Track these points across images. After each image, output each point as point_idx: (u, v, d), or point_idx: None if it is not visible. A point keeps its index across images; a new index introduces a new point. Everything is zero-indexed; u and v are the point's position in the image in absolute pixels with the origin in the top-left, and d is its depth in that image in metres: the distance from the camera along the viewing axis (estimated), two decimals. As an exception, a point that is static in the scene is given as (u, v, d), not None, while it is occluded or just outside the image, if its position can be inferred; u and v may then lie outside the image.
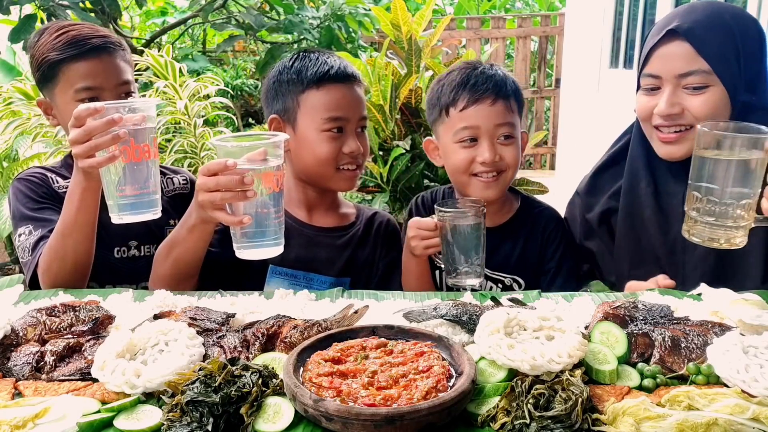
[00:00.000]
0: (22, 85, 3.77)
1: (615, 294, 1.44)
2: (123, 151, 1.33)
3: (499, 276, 1.79)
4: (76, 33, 1.72)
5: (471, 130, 1.70)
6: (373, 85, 3.16)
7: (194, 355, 1.09)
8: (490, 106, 1.70)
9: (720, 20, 1.53)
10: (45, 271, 1.58)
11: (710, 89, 1.51)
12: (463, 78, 1.73)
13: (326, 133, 1.72)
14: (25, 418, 0.94)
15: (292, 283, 1.73)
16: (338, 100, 1.73)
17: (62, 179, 1.81)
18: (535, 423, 0.91)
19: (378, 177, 3.18)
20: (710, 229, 1.24)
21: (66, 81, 1.71)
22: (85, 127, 1.35)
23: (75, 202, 1.52)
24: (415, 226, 1.62)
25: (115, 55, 1.76)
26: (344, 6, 5.31)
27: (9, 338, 1.18)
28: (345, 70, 1.75)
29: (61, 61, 1.70)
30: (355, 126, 1.76)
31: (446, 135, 1.76)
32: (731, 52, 1.51)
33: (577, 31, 6.37)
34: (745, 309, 1.22)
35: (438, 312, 1.23)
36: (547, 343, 1.07)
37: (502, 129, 1.70)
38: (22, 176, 1.81)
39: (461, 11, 9.45)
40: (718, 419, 0.90)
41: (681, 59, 1.51)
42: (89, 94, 1.70)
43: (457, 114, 1.72)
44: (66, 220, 1.55)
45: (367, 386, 0.96)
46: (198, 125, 4.26)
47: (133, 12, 7.66)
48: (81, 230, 1.55)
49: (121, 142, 1.32)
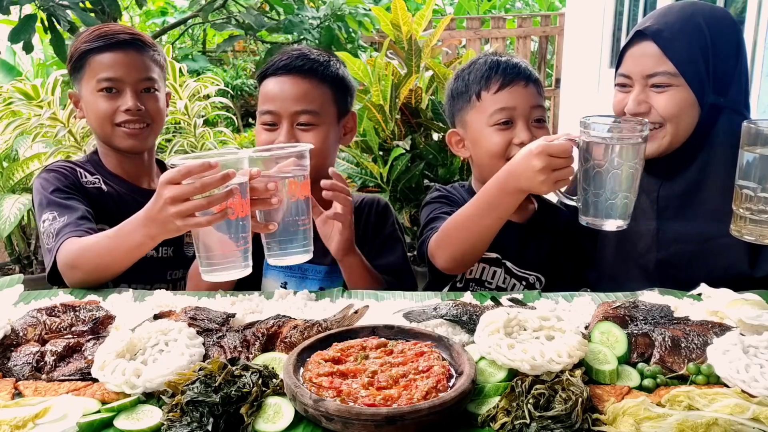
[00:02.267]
0: (22, 85, 3.76)
1: (615, 294, 1.44)
2: (231, 207, 1.23)
3: (524, 273, 1.76)
4: (108, 29, 1.81)
5: (507, 112, 1.66)
6: (373, 85, 3.16)
7: (194, 355, 1.09)
8: (524, 87, 1.68)
9: (692, 22, 1.56)
10: (69, 267, 1.55)
11: (674, 88, 1.55)
12: (492, 63, 1.71)
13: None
14: (25, 418, 0.94)
15: (288, 275, 1.73)
16: (270, 92, 1.72)
17: (90, 175, 1.83)
18: (535, 423, 0.91)
19: (378, 177, 3.18)
20: (761, 227, 1.20)
21: (91, 71, 1.78)
22: (200, 182, 1.21)
23: (129, 245, 1.45)
24: (545, 151, 1.33)
25: (142, 52, 1.81)
26: (344, 6, 5.31)
27: (9, 338, 1.18)
28: (289, 62, 1.71)
29: (88, 51, 1.78)
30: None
31: (478, 120, 1.70)
32: (699, 54, 1.54)
33: (577, 31, 6.38)
34: (745, 309, 1.22)
35: (438, 312, 1.23)
36: (547, 343, 1.07)
37: (536, 112, 1.68)
38: (51, 167, 1.83)
39: (461, 11, 9.46)
40: (718, 419, 0.90)
41: (648, 60, 1.56)
42: (109, 85, 1.77)
43: (490, 96, 1.68)
44: (110, 249, 1.49)
45: (367, 386, 0.96)
46: (198, 125, 4.26)
47: (133, 12, 7.66)
48: (120, 263, 1.51)
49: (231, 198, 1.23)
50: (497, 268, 1.76)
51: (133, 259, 1.50)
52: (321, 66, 1.71)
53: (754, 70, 3.22)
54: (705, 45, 1.54)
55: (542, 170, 1.33)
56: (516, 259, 1.75)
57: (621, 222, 1.30)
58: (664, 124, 1.56)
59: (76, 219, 1.63)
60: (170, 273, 1.87)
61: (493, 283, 1.76)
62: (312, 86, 1.69)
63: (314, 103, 1.68)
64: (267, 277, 1.74)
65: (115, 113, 1.77)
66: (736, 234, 1.26)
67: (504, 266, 1.77)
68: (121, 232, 1.46)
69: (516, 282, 1.76)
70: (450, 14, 9.18)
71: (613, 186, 1.26)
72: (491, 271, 1.76)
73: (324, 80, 1.71)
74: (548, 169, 1.33)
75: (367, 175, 3.23)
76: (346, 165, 3.27)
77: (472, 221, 1.52)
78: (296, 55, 1.72)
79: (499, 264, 1.76)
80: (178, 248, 1.87)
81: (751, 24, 3.26)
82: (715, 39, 1.55)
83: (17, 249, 3.93)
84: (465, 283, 1.77)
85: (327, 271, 1.73)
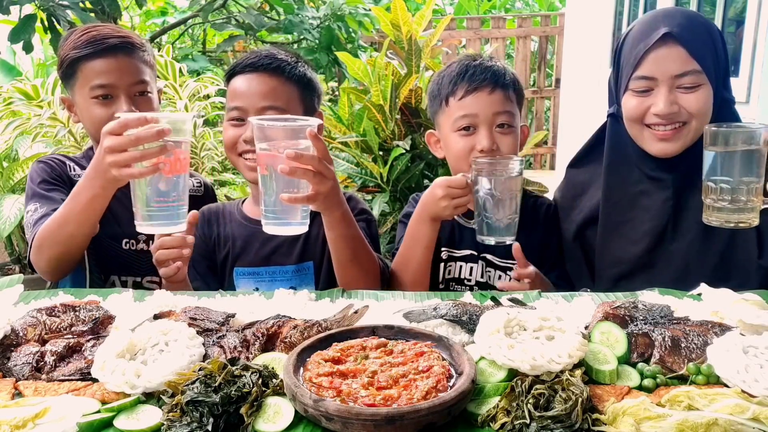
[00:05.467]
0: (22, 85, 3.77)
1: (615, 294, 1.44)
2: (164, 163, 1.32)
3: (508, 264, 1.81)
4: (96, 33, 1.78)
5: (469, 118, 1.74)
6: (373, 85, 3.16)
7: (194, 355, 1.09)
8: (488, 95, 1.73)
9: (699, 23, 1.64)
10: (36, 248, 1.62)
11: (702, 87, 1.60)
12: (462, 69, 1.77)
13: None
14: (25, 418, 0.94)
15: (257, 281, 1.76)
16: (237, 89, 1.74)
17: (80, 168, 1.85)
18: (535, 423, 0.91)
19: (378, 177, 3.18)
20: (726, 214, 1.41)
21: (83, 78, 1.77)
22: (134, 135, 1.32)
23: (82, 202, 1.52)
24: (444, 184, 1.62)
25: (133, 55, 1.80)
26: (344, 6, 5.32)
27: (9, 338, 1.18)
28: (256, 61, 1.74)
29: (79, 59, 1.76)
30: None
31: (446, 124, 1.80)
32: (712, 53, 1.62)
33: (577, 31, 6.38)
34: (745, 309, 1.22)
35: (438, 312, 1.23)
36: (547, 343, 1.07)
37: (500, 117, 1.74)
38: (42, 159, 1.86)
39: (461, 11, 9.46)
40: (718, 419, 0.90)
41: (676, 61, 1.59)
42: (103, 92, 1.76)
43: (456, 103, 1.76)
44: (67, 213, 1.55)
45: (367, 386, 0.96)
46: (198, 125, 4.26)
47: (133, 12, 7.66)
48: (79, 226, 1.57)
49: (166, 154, 1.32)
50: (473, 264, 1.84)
51: (89, 219, 1.54)
52: (288, 65, 1.75)
53: (755, 70, 3.22)
54: (714, 44, 1.62)
55: (443, 198, 1.62)
56: (497, 251, 1.79)
57: (508, 239, 1.59)
58: (689, 121, 1.61)
59: (53, 210, 1.64)
60: None
61: (472, 279, 1.84)
62: (279, 83, 1.73)
63: (280, 100, 1.73)
64: (239, 286, 1.78)
65: (110, 119, 1.76)
66: (707, 221, 1.45)
67: (484, 260, 1.83)
68: (74, 193, 1.54)
69: (501, 273, 1.81)
70: (450, 14, 9.18)
71: (499, 211, 1.55)
72: (468, 267, 1.84)
73: (290, 79, 1.75)
74: (448, 197, 1.62)
75: (367, 175, 3.22)
76: (346, 165, 3.26)
77: (408, 256, 1.75)
78: (264, 54, 1.76)
79: (475, 260, 1.83)
80: None
81: (751, 24, 3.26)
82: (716, 38, 1.63)
83: (17, 249, 3.94)
84: (446, 283, 1.85)
85: (294, 270, 1.76)
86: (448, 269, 1.86)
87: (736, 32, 3.60)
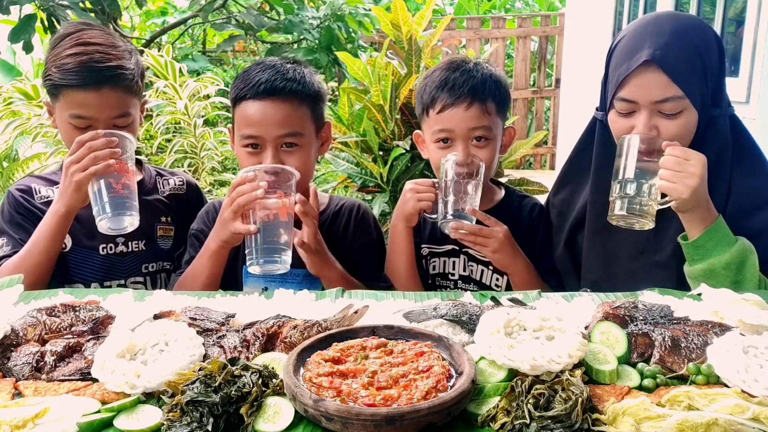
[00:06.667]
0: (22, 85, 3.77)
1: (615, 294, 1.44)
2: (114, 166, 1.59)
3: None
4: (87, 58, 1.69)
5: (446, 132, 1.78)
6: (373, 85, 3.16)
7: (194, 355, 1.09)
8: (465, 110, 1.74)
9: (687, 40, 1.57)
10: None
11: (684, 113, 1.57)
12: (442, 81, 1.78)
13: (244, 149, 1.72)
14: (25, 418, 0.94)
15: (268, 281, 1.75)
16: (251, 117, 1.69)
17: (47, 188, 1.86)
18: (535, 423, 0.91)
19: (378, 177, 3.18)
20: (626, 214, 1.52)
21: (64, 103, 1.72)
22: (88, 144, 1.59)
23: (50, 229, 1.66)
24: (413, 182, 1.78)
25: (119, 87, 1.73)
26: (344, 6, 5.32)
27: (9, 338, 1.18)
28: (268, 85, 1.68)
29: (62, 85, 1.70)
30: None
31: (427, 133, 1.85)
32: (700, 73, 1.57)
33: (577, 31, 6.38)
34: (746, 309, 1.22)
35: (438, 312, 1.23)
36: (547, 343, 1.07)
37: (476, 132, 1.76)
38: (10, 190, 1.88)
39: (461, 11, 9.46)
40: (718, 419, 0.90)
41: (656, 87, 1.56)
42: (81, 123, 1.71)
43: (434, 116, 1.79)
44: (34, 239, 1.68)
45: (367, 386, 0.97)
46: (198, 125, 4.27)
47: (133, 12, 7.67)
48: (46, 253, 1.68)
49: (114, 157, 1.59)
50: (455, 259, 1.88)
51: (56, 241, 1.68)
52: (298, 85, 1.71)
53: (755, 70, 3.22)
54: (703, 62, 1.57)
55: (409, 191, 1.77)
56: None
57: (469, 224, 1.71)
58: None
59: (15, 248, 1.73)
60: (144, 266, 1.90)
61: (455, 273, 1.89)
62: (293, 108, 1.70)
63: (296, 125, 1.70)
64: (247, 284, 1.77)
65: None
66: (610, 220, 1.56)
67: (466, 254, 1.86)
68: (40, 225, 1.69)
69: (483, 268, 1.85)
70: (450, 14, 9.18)
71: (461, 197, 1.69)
72: (450, 262, 1.89)
73: (303, 100, 1.72)
74: (413, 191, 1.76)
75: (367, 175, 3.23)
76: (346, 165, 3.27)
77: (393, 261, 1.84)
78: (271, 75, 1.69)
79: (457, 254, 1.88)
80: (149, 241, 1.90)
81: (751, 24, 3.26)
82: (708, 54, 1.58)
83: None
84: (432, 278, 1.90)
85: (305, 275, 1.74)
86: (432, 265, 1.91)
87: (736, 32, 3.60)
